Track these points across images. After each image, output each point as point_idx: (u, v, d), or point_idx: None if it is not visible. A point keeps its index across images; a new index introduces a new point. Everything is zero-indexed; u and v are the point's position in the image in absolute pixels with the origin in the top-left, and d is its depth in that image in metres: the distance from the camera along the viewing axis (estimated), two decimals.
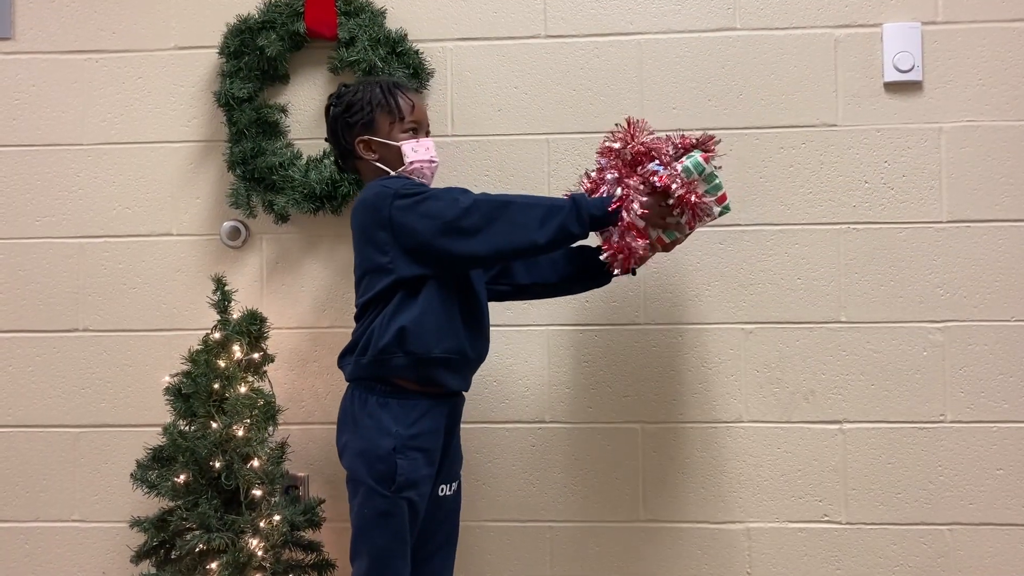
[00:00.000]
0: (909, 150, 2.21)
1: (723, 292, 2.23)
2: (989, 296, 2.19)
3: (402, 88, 1.92)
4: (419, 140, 1.89)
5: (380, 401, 1.78)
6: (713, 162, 1.81)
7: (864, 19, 2.23)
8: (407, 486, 1.74)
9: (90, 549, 2.29)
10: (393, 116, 1.88)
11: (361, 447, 1.77)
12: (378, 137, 1.88)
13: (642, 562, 2.23)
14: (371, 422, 1.77)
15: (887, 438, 2.19)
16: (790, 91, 2.23)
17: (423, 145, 1.89)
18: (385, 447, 1.74)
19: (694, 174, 1.75)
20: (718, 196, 1.79)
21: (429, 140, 1.91)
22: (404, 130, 1.89)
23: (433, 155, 1.90)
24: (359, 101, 1.89)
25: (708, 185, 1.78)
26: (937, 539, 2.18)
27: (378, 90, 1.89)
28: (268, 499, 1.98)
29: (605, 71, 2.27)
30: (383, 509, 1.74)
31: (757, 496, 2.21)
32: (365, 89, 1.90)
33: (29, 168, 2.33)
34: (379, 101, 1.88)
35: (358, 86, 1.93)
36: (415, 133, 1.90)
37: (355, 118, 1.89)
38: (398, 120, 1.88)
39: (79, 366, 2.31)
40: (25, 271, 2.32)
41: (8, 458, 2.31)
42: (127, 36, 2.33)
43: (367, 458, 1.76)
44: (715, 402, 2.22)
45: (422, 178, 1.90)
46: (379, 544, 1.74)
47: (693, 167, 1.76)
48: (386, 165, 1.89)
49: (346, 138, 1.91)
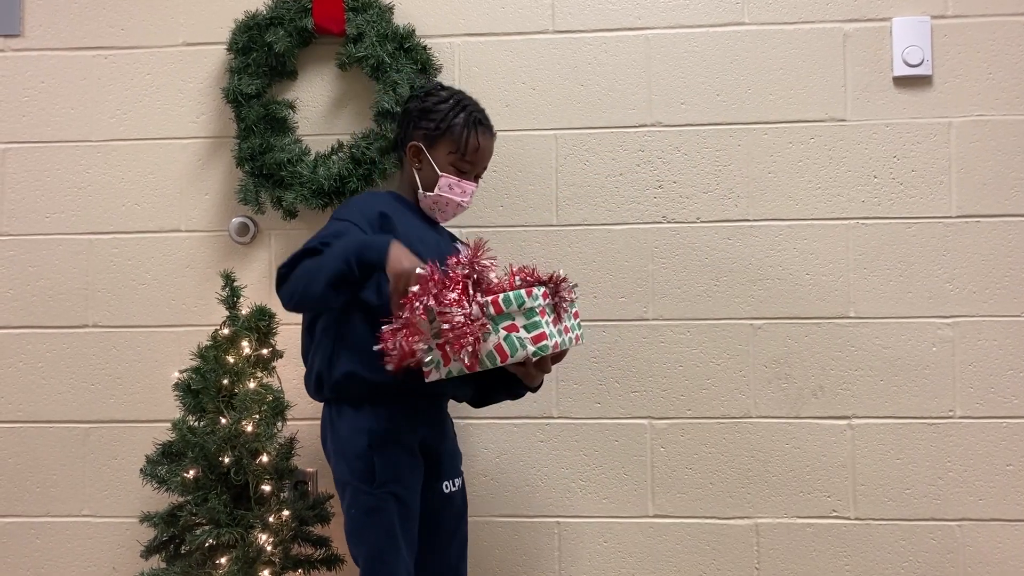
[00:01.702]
0: (918, 145, 2.20)
1: (731, 287, 2.23)
2: (999, 291, 2.18)
3: (482, 127, 1.91)
4: (461, 182, 1.89)
5: (353, 405, 1.80)
6: (571, 305, 1.74)
7: (873, 13, 2.22)
8: (389, 480, 1.75)
9: (100, 544, 2.30)
10: (456, 148, 1.87)
11: (339, 448, 1.79)
12: (430, 155, 1.88)
13: (650, 558, 2.23)
14: (346, 423, 1.80)
15: (896, 434, 2.19)
16: (799, 86, 2.23)
17: (461, 187, 1.89)
18: (361, 444, 1.76)
19: (513, 305, 1.58)
20: (533, 335, 1.60)
21: (472, 186, 1.91)
22: (456, 164, 1.88)
23: (463, 200, 1.91)
24: (439, 113, 1.88)
25: (526, 321, 1.61)
26: (946, 535, 2.17)
27: (461, 118, 1.88)
28: (277, 494, 1.98)
29: (613, 66, 2.26)
30: (369, 506, 1.75)
31: (765, 492, 2.21)
32: (452, 106, 1.89)
33: (38, 165, 2.34)
34: (453, 127, 1.87)
35: (449, 98, 1.91)
36: (464, 174, 1.90)
37: (424, 124, 1.89)
38: (458, 155, 1.88)
39: (89, 362, 2.32)
40: (35, 267, 2.33)
41: (19, 454, 2.32)
42: (136, 33, 2.33)
43: (346, 457, 1.78)
44: (723, 397, 2.22)
45: (441, 212, 1.92)
46: (371, 542, 1.75)
47: (513, 298, 1.58)
48: (421, 179, 1.90)
49: (407, 133, 1.93)
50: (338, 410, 1.82)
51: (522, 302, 1.59)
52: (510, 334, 1.59)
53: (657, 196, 2.24)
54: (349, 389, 1.79)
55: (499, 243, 2.25)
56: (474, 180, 1.93)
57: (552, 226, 2.26)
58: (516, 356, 1.60)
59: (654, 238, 2.24)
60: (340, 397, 1.81)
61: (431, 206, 1.91)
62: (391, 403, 1.78)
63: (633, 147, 2.25)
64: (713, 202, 2.23)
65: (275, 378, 2.08)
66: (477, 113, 1.91)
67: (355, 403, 1.79)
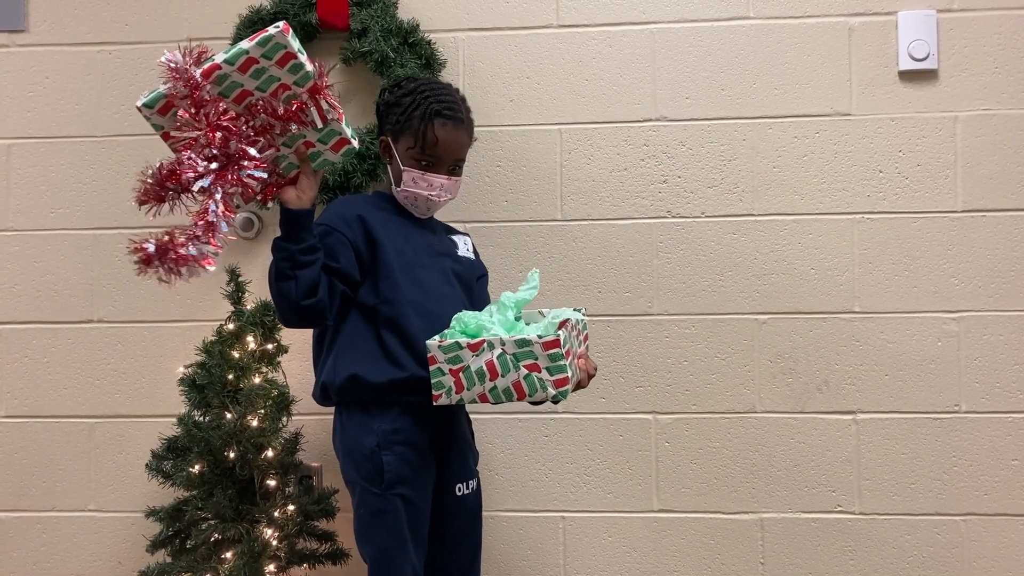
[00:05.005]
0: (924, 139, 2.20)
1: (736, 282, 2.22)
2: (1004, 286, 2.17)
3: (441, 118, 1.82)
4: (426, 175, 1.83)
5: (361, 407, 1.79)
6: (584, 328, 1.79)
7: (879, 7, 2.21)
8: (397, 482, 1.73)
9: (106, 539, 2.31)
10: (415, 142, 1.82)
11: (348, 448, 1.78)
12: (395, 150, 1.86)
13: (655, 552, 2.23)
14: (354, 422, 1.78)
15: (901, 428, 2.18)
16: (804, 80, 2.22)
17: (427, 181, 1.83)
18: (369, 445, 1.74)
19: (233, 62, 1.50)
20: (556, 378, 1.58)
21: (439, 179, 1.84)
22: (418, 158, 1.83)
23: (431, 194, 1.84)
24: (400, 107, 1.85)
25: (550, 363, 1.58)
26: (952, 530, 2.17)
27: (420, 110, 1.82)
28: (282, 489, 1.99)
29: (617, 61, 2.26)
30: (377, 507, 1.73)
31: (770, 486, 2.21)
32: (412, 100, 1.84)
33: (43, 160, 2.34)
34: (412, 120, 1.82)
35: (412, 91, 1.86)
36: (431, 166, 1.84)
37: (390, 119, 1.87)
38: (417, 148, 1.82)
39: (94, 357, 2.32)
40: (40, 263, 2.34)
41: (25, 448, 2.33)
42: (140, 28, 2.33)
43: (354, 458, 1.77)
44: (728, 392, 2.22)
45: (415, 207, 1.88)
46: (378, 543, 1.74)
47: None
48: (392, 174, 1.89)
49: (381, 129, 1.92)
50: (348, 413, 1.81)
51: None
52: (531, 373, 1.58)
53: (662, 191, 2.24)
54: (353, 392, 1.77)
55: (503, 238, 2.25)
56: (448, 172, 1.86)
57: (556, 221, 2.26)
58: (535, 396, 1.60)
59: (659, 233, 2.24)
60: (346, 400, 1.80)
61: (404, 201, 1.88)
62: (398, 403, 1.77)
63: (638, 142, 2.25)
64: (718, 197, 2.23)
65: (280, 373, 2.09)
66: (437, 104, 1.82)
67: (363, 405, 1.78)
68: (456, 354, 1.61)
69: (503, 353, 1.59)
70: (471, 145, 1.93)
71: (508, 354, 1.59)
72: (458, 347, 1.60)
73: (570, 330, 1.67)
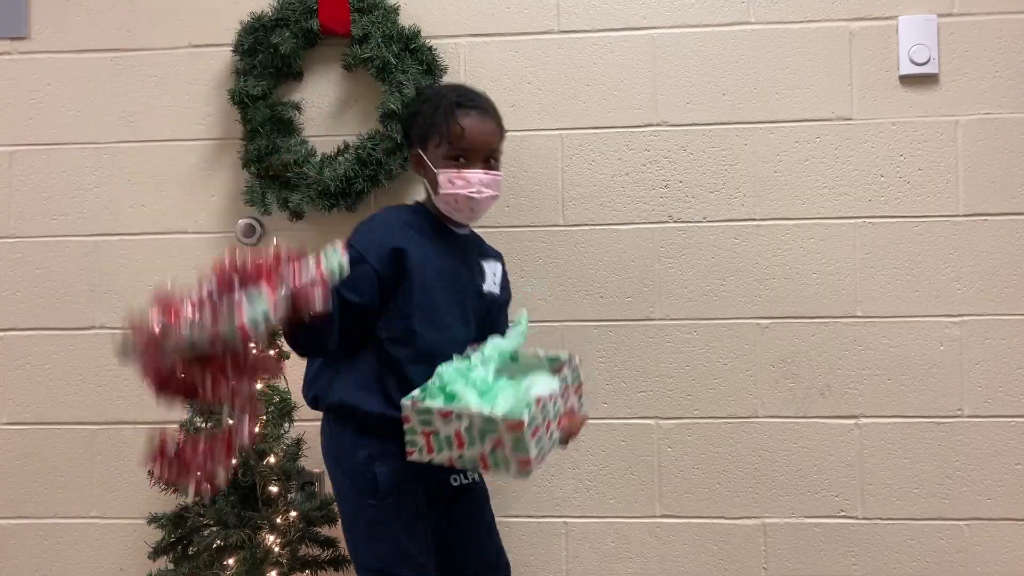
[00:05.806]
0: (925, 143, 2.20)
1: (738, 287, 2.22)
2: (1006, 290, 2.17)
3: (462, 109, 1.75)
4: (461, 172, 1.73)
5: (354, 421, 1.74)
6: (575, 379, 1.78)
7: (879, 12, 2.21)
8: (392, 491, 1.69)
9: (108, 545, 2.31)
10: (440, 140, 1.74)
11: (338, 456, 1.75)
12: (426, 157, 1.77)
13: (658, 558, 2.22)
14: (345, 434, 1.74)
15: (904, 433, 2.18)
16: (805, 85, 2.22)
17: (463, 178, 1.73)
18: (361, 456, 1.70)
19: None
20: (519, 458, 1.52)
21: (476, 173, 1.73)
22: (450, 156, 1.74)
23: (471, 192, 1.73)
24: (422, 115, 1.79)
25: (513, 443, 1.53)
26: (955, 534, 2.17)
27: (441, 109, 1.75)
28: (284, 495, 1.99)
29: (618, 66, 2.26)
30: (372, 519, 1.69)
31: (773, 491, 2.21)
32: (432, 101, 1.79)
33: (45, 167, 2.35)
34: (434, 121, 1.75)
35: (430, 97, 1.82)
36: (465, 161, 1.74)
37: (415, 131, 1.82)
38: (445, 146, 1.74)
39: (96, 363, 2.32)
40: (42, 269, 2.34)
41: (26, 455, 2.33)
42: (142, 35, 2.34)
43: (345, 470, 1.73)
44: (730, 397, 2.22)
45: (459, 212, 1.77)
46: (376, 555, 1.70)
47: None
48: (428, 185, 1.80)
49: (409, 145, 1.88)
50: (340, 423, 1.75)
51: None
52: (496, 450, 1.54)
53: (663, 196, 2.24)
54: (345, 413, 1.72)
55: (505, 244, 2.25)
56: (483, 166, 1.75)
57: (558, 226, 2.26)
58: (498, 472, 1.56)
59: (660, 238, 2.24)
60: (337, 417, 1.76)
61: (447, 209, 1.78)
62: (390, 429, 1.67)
63: (639, 147, 2.25)
64: (719, 201, 2.23)
65: (282, 379, 2.08)
66: (456, 97, 1.77)
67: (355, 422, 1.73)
68: (428, 418, 1.57)
69: (471, 426, 1.54)
70: (503, 139, 1.84)
71: (475, 428, 1.54)
72: (429, 412, 1.56)
73: (544, 404, 1.59)
